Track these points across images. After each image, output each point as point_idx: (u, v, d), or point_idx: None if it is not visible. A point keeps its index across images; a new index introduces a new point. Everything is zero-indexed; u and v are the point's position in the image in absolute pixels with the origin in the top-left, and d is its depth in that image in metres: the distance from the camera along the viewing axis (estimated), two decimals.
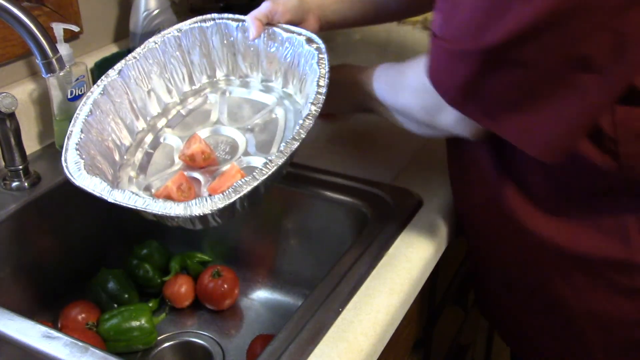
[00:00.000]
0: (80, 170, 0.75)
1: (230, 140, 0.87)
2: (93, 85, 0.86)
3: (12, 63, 1.02)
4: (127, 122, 0.88)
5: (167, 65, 0.92)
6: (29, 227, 0.93)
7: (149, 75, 0.91)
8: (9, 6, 0.78)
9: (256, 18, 0.87)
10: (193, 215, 0.68)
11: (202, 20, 0.92)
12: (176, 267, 1.02)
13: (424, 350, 1.00)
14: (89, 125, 0.82)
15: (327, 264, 0.81)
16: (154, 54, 0.91)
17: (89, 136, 0.81)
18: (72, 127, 0.81)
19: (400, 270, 0.78)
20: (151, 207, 0.70)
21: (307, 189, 0.95)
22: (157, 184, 0.82)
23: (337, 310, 0.72)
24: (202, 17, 0.93)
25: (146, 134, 0.89)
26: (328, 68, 0.79)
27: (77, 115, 0.82)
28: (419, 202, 0.90)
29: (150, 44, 0.90)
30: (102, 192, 0.72)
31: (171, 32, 0.92)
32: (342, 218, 0.94)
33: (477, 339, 1.38)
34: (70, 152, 0.77)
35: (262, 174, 0.70)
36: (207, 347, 0.95)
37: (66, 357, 0.66)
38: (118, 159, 0.85)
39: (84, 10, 1.10)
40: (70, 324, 0.92)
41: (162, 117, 0.91)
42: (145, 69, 0.90)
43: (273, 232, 1.02)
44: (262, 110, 0.89)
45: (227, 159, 0.84)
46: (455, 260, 1.06)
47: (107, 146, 0.84)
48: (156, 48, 0.91)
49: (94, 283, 0.99)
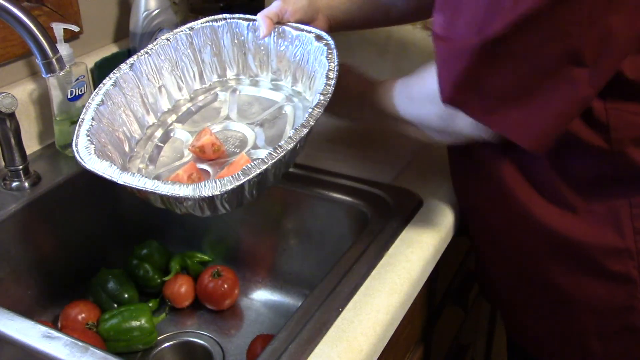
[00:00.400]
0: (90, 154, 0.75)
1: (239, 135, 0.88)
2: (105, 79, 0.87)
3: (12, 63, 1.02)
4: (138, 115, 0.88)
5: (178, 63, 0.92)
6: (29, 227, 0.93)
7: (161, 71, 0.91)
8: (9, 6, 0.78)
9: (266, 17, 0.88)
10: (202, 195, 0.67)
11: (214, 20, 0.93)
12: (176, 267, 1.02)
13: (424, 350, 1.00)
14: (101, 115, 0.82)
15: (327, 264, 0.81)
16: (166, 50, 0.91)
17: (100, 125, 0.81)
18: (83, 115, 0.81)
19: (400, 270, 0.78)
20: (160, 188, 0.69)
21: (307, 189, 0.95)
22: (166, 174, 0.83)
23: (337, 310, 0.72)
24: (213, 17, 0.93)
25: (156, 128, 0.90)
26: (337, 62, 0.79)
27: (88, 104, 0.82)
28: (419, 202, 0.90)
29: (163, 41, 0.91)
30: (112, 175, 0.72)
31: (183, 30, 0.92)
32: (342, 218, 0.94)
33: (477, 339, 1.38)
34: (82, 138, 0.77)
35: (272, 157, 0.70)
36: (207, 347, 0.95)
37: (66, 357, 0.66)
38: (128, 150, 0.85)
39: (84, 10, 1.10)
40: (70, 324, 0.92)
41: (172, 113, 0.92)
42: (157, 64, 0.91)
43: (273, 232, 1.02)
44: (271, 107, 0.90)
45: (237, 151, 0.85)
46: (455, 260, 1.06)
47: (117, 137, 0.84)
48: (168, 45, 0.91)
49: (94, 283, 0.99)
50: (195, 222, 1.07)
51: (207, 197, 0.67)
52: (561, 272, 0.76)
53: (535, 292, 0.81)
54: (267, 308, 1.02)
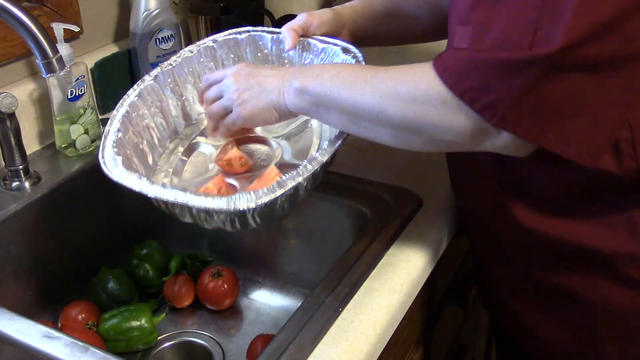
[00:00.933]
0: (117, 166, 0.73)
1: (264, 150, 0.86)
2: (129, 90, 0.86)
3: (12, 63, 1.02)
4: (161, 128, 0.87)
5: (201, 76, 0.91)
6: (29, 227, 0.93)
7: (184, 83, 0.90)
8: (9, 6, 0.78)
9: (292, 29, 0.86)
10: (237, 209, 0.65)
11: (237, 32, 0.92)
12: (176, 267, 1.02)
13: (424, 350, 1.00)
14: (126, 126, 0.81)
15: (327, 264, 0.81)
16: (190, 62, 0.90)
17: (125, 136, 0.80)
18: (109, 126, 0.80)
19: (400, 270, 0.78)
20: (193, 201, 0.66)
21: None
22: (192, 188, 0.80)
23: (337, 310, 0.72)
24: (237, 30, 0.92)
25: (179, 141, 0.88)
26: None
27: (113, 116, 0.81)
28: (419, 202, 0.90)
29: (186, 53, 0.90)
30: (141, 188, 0.69)
31: (206, 42, 0.91)
32: (342, 218, 0.94)
33: (477, 339, 1.38)
34: (108, 149, 0.76)
35: (307, 170, 0.68)
36: (207, 347, 0.95)
37: (66, 357, 0.66)
38: (151, 164, 0.84)
39: (84, 10, 1.10)
40: (70, 324, 0.92)
41: (195, 126, 0.91)
42: (180, 77, 0.90)
43: (273, 232, 1.02)
44: (296, 121, 0.88)
45: (264, 165, 0.83)
46: (455, 260, 1.06)
47: (142, 149, 0.83)
48: (191, 57, 0.90)
49: (94, 283, 0.99)
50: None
51: (240, 210, 0.65)
52: (575, 278, 0.75)
53: (543, 296, 0.80)
54: (267, 308, 1.02)
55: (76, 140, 1.01)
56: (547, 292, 0.79)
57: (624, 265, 0.72)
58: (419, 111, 0.65)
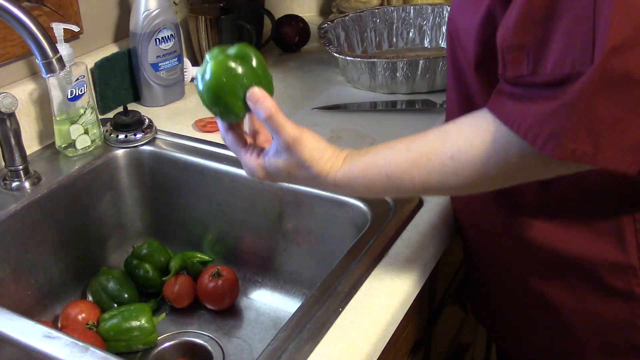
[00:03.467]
0: None
1: None
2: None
3: (12, 63, 1.02)
4: None
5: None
6: (29, 227, 0.93)
7: None
8: (9, 6, 0.78)
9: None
10: None
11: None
12: (176, 267, 1.02)
13: (424, 350, 1.00)
14: None
15: (327, 264, 0.81)
16: None
17: None
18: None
19: (400, 270, 0.78)
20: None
21: (307, 189, 0.95)
22: None
23: (337, 310, 0.72)
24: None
25: None
26: None
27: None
28: (419, 202, 0.90)
29: None
30: None
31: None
32: (342, 218, 0.94)
33: (477, 339, 1.38)
34: None
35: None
36: (207, 347, 0.95)
37: (66, 357, 0.66)
38: None
39: (84, 10, 1.10)
40: (70, 324, 0.92)
41: None
42: None
43: (273, 232, 1.02)
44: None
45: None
46: (455, 260, 1.06)
47: None
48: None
49: (93, 283, 0.99)
50: (195, 222, 1.07)
51: None
52: (561, 287, 0.75)
53: (532, 307, 0.80)
54: (267, 308, 1.02)
55: (76, 140, 1.01)
56: (534, 301, 0.79)
57: (609, 276, 0.71)
58: (498, 171, 0.62)
